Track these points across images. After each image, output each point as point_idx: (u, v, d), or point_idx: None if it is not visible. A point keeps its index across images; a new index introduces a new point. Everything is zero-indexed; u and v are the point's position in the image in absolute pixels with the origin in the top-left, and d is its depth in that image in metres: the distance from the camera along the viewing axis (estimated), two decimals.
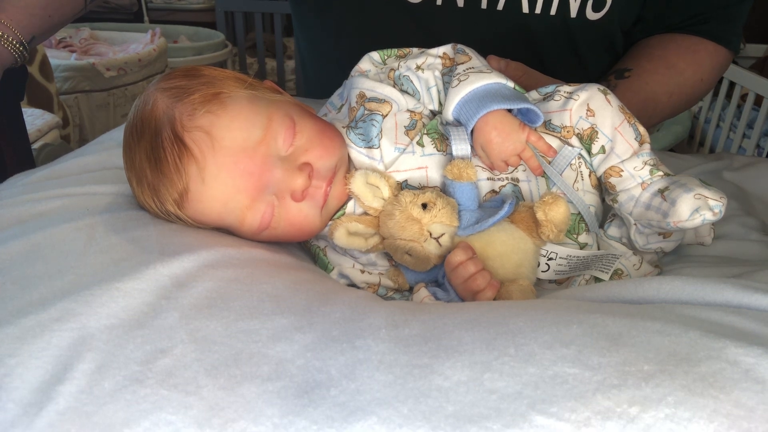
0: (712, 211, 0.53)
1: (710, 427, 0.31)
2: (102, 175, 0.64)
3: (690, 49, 0.85)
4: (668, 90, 0.84)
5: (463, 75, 0.59)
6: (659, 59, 0.84)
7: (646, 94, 0.82)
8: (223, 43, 2.75)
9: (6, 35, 0.75)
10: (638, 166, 0.59)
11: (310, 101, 0.82)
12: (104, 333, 0.40)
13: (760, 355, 0.35)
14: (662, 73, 0.84)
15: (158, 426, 0.34)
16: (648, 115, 0.81)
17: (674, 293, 0.46)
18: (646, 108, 0.81)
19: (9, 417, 0.35)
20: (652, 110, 0.83)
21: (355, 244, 0.58)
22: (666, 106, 0.85)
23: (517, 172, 0.61)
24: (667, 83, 0.84)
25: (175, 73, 0.58)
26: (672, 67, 0.84)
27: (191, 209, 0.55)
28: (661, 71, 0.84)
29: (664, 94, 0.84)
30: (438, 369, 0.36)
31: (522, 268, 0.57)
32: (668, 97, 0.84)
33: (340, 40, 0.94)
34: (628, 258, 0.61)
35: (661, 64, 0.84)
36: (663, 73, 0.84)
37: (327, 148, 0.58)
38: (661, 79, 0.83)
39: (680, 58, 0.85)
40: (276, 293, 0.46)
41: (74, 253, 0.48)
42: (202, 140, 0.53)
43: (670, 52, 0.85)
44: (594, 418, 0.32)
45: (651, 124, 0.86)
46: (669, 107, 0.86)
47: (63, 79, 2.04)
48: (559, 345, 0.37)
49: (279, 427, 0.34)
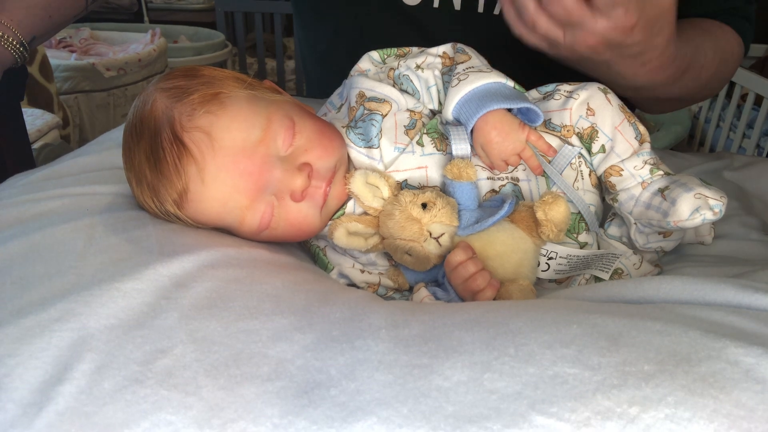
0: (712, 210, 0.53)
1: (710, 427, 0.31)
2: (101, 175, 0.64)
3: (716, 24, 0.81)
4: (712, 48, 0.78)
5: (463, 74, 0.59)
6: (692, 24, 0.79)
7: (695, 44, 0.76)
8: (223, 43, 2.75)
9: (6, 35, 0.75)
10: (638, 165, 0.59)
11: (310, 101, 0.82)
12: (104, 333, 0.40)
13: (760, 355, 0.35)
14: (701, 33, 0.78)
15: (158, 426, 0.34)
16: (699, 66, 0.75)
17: (674, 293, 0.46)
18: (697, 57, 0.75)
19: (9, 417, 0.35)
20: (701, 63, 0.76)
21: (354, 244, 0.58)
22: (712, 63, 0.78)
23: (517, 171, 0.61)
24: (708, 42, 0.78)
25: (174, 73, 0.58)
26: (708, 32, 0.79)
27: (191, 209, 0.55)
28: (700, 32, 0.78)
29: (709, 50, 0.78)
30: (438, 369, 0.36)
31: (522, 267, 0.57)
32: (713, 53, 0.78)
33: (339, 41, 0.94)
34: (628, 257, 0.61)
35: (696, 28, 0.79)
36: (702, 34, 0.78)
37: (326, 148, 0.58)
38: (704, 37, 0.78)
39: (713, 27, 0.81)
40: (276, 293, 0.46)
41: (74, 254, 0.48)
42: (202, 140, 0.53)
43: (700, 21, 0.81)
44: (594, 418, 0.32)
45: (697, 86, 0.79)
46: (714, 66, 0.79)
47: (63, 79, 2.04)
48: (559, 345, 0.37)
49: (279, 427, 0.34)
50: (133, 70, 2.23)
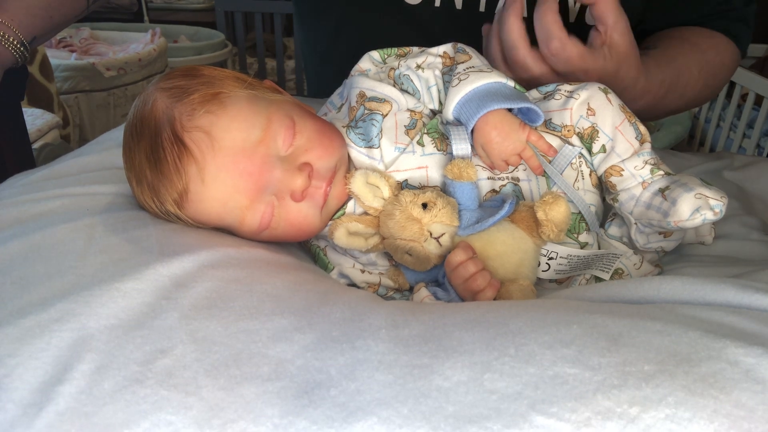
0: (712, 210, 0.53)
1: (710, 427, 0.31)
2: (102, 175, 0.64)
3: (706, 34, 0.82)
4: (697, 64, 0.79)
5: (464, 74, 0.59)
6: (680, 39, 0.80)
7: (677, 65, 0.77)
8: (223, 43, 2.75)
9: (7, 35, 0.75)
10: (639, 165, 0.59)
11: (311, 101, 0.82)
12: (104, 333, 0.40)
13: (761, 355, 0.35)
14: (687, 49, 0.79)
15: (158, 426, 0.34)
16: (682, 86, 0.77)
17: (674, 293, 0.46)
18: (680, 79, 0.77)
19: (9, 417, 0.35)
20: (685, 82, 0.78)
21: (355, 244, 0.58)
22: (697, 80, 0.80)
23: (517, 171, 0.61)
24: (694, 58, 0.79)
25: (174, 73, 0.58)
26: (695, 46, 0.80)
27: (191, 209, 0.55)
28: (686, 48, 0.79)
29: (694, 66, 0.79)
30: (438, 369, 0.36)
31: (522, 267, 0.57)
32: (698, 70, 0.79)
33: (339, 40, 0.93)
34: (628, 257, 0.61)
35: (684, 43, 0.79)
36: (688, 50, 0.79)
37: (327, 148, 0.58)
38: (688, 54, 0.79)
39: (701, 39, 0.81)
40: (276, 293, 0.46)
41: (74, 254, 0.48)
42: (202, 140, 0.53)
43: (689, 34, 0.81)
44: (594, 419, 0.32)
45: (684, 102, 0.81)
46: (701, 82, 0.80)
47: (63, 79, 2.04)
48: (559, 345, 0.37)
49: (279, 427, 0.34)
50: (133, 69, 2.23)
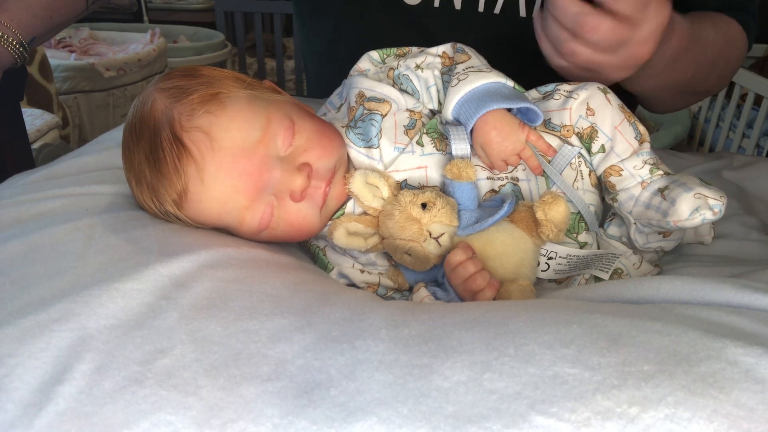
0: (712, 210, 0.53)
1: (710, 427, 0.31)
2: (101, 175, 0.64)
3: (718, 14, 0.80)
4: (723, 37, 0.77)
5: (463, 74, 0.59)
6: (698, 16, 0.77)
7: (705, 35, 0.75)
8: (223, 43, 2.75)
9: (6, 36, 0.75)
10: (638, 165, 0.59)
11: (310, 101, 0.82)
12: (103, 333, 0.40)
13: (760, 355, 0.35)
14: (707, 24, 0.77)
15: (158, 426, 0.34)
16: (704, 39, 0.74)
17: (674, 293, 0.46)
18: (701, 32, 0.74)
19: (8, 417, 0.35)
20: (706, 36, 0.74)
21: (354, 244, 0.58)
22: (716, 41, 0.77)
23: (516, 171, 0.61)
24: (717, 32, 0.77)
25: (174, 73, 0.58)
26: (716, 23, 0.78)
27: (190, 210, 0.55)
28: (707, 23, 0.77)
29: (719, 40, 0.76)
30: (438, 369, 0.36)
31: (522, 267, 0.57)
32: (715, 33, 0.77)
33: (339, 40, 0.93)
34: (628, 257, 0.61)
35: (703, 19, 0.77)
36: (708, 25, 0.77)
37: (326, 148, 0.58)
38: (710, 28, 0.77)
39: (719, 18, 0.79)
40: (276, 293, 0.46)
41: (73, 254, 0.48)
42: (201, 141, 0.53)
43: (707, 14, 0.79)
44: (594, 419, 0.32)
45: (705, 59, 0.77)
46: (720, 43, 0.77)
47: (63, 79, 2.04)
48: (558, 345, 0.37)
49: (279, 427, 0.34)
50: (133, 70, 2.23)
